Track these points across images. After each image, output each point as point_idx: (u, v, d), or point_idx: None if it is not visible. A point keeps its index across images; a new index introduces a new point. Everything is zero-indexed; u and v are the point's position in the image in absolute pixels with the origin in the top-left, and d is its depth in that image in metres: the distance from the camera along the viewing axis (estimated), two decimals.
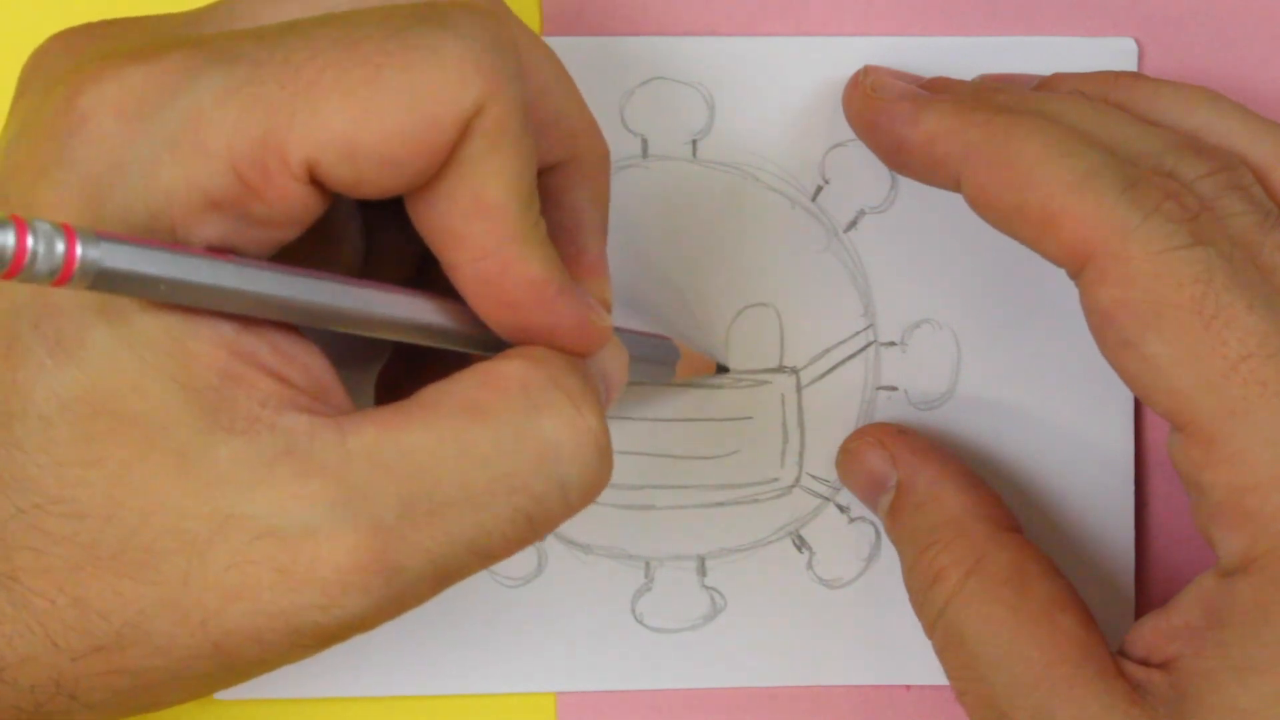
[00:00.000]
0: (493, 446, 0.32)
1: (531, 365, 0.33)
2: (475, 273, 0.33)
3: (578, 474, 0.33)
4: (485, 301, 0.34)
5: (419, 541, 0.32)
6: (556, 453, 0.33)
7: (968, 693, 0.39)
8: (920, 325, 0.44)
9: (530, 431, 0.33)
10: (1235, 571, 0.36)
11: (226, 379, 0.32)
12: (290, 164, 0.31)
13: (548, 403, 0.33)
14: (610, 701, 0.44)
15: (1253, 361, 0.35)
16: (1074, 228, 0.36)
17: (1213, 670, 0.36)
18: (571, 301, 0.34)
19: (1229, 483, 0.36)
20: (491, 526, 0.32)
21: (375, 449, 0.32)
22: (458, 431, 0.32)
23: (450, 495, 0.32)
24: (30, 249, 0.27)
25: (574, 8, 0.44)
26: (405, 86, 0.31)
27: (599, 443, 0.33)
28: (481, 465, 0.32)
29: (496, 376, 0.33)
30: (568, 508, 0.33)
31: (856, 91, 0.42)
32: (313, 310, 0.33)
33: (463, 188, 0.32)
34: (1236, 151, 0.38)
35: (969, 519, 0.41)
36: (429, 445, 0.32)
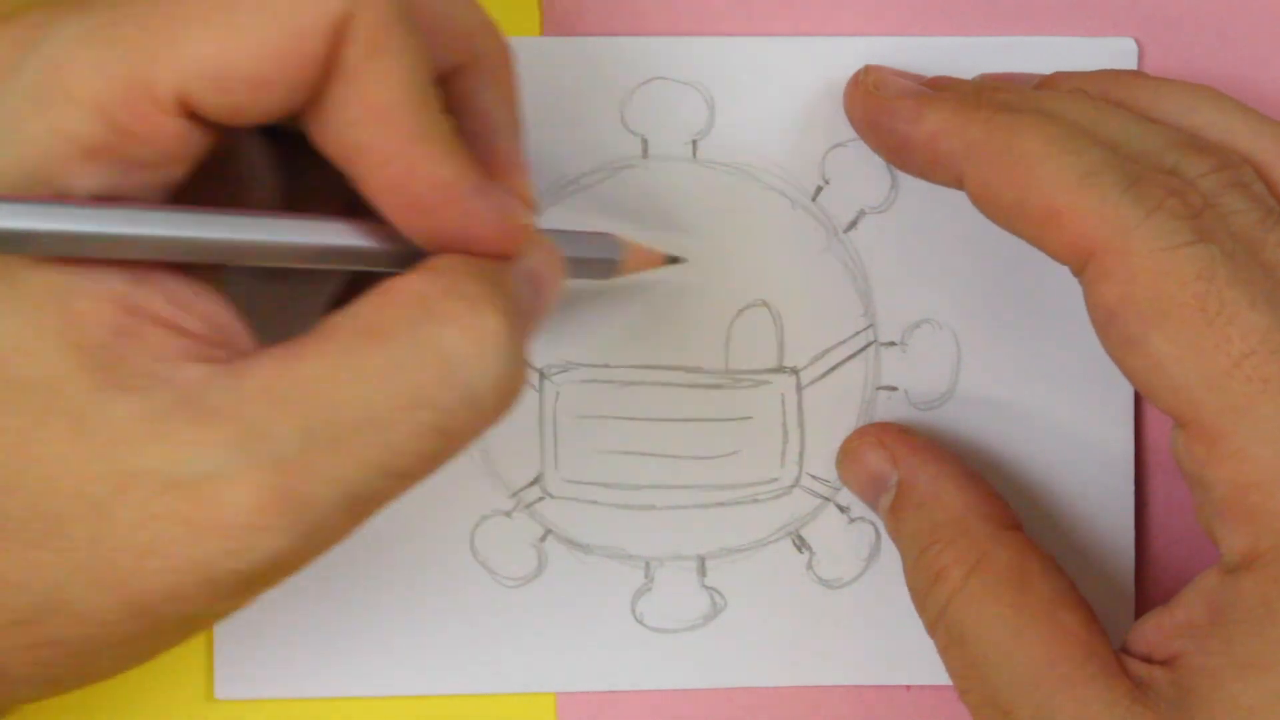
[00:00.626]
0: (390, 363, 0.32)
1: (429, 276, 0.33)
2: (382, 180, 0.33)
3: (485, 380, 0.32)
4: (397, 210, 0.33)
5: (325, 471, 0.31)
6: (458, 360, 0.32)
7: (970, 691, 0.39)
8: (920, 325, 0.44)
9: (428, 343, 0.32)
10: (1238, 568, 0.36)
11: (118, 335, 0.31)
12: (160, 100, 0.31)
13: (445, 311, 0.32)
14: (610, 701, 0.44)
15: (1256, 358, 0.35)
16: (1076, 225, 0.36)
17: (1216, 667, 0.36)
18: (486, 200, 0.34)
19: (1232, 479, 0.36)
20: (400, 445, 0.32)
21: (271, 385, 0.31)
22: (353, 354, 0.32)
23: (352, 419, 0.31)
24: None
25: (574, 8, 0.44)
26: (265, 3, 0.31)
27: (502, 345, 0.32)
28: (381, 384, 0.32)
29: (393, 293, 0.33)
30: (480, 416, 0.33)
31: (858, 90, 0.42)
32: (211, 246, 0.32)
33: (352, 96, 0.32)
34: (1238, 149, 0.38)
35: (970, 518, 0.41)
36: (325, 372, 0.31)
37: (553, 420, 0.44)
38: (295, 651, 0.43)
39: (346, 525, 0.32)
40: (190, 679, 0.44)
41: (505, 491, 0.44)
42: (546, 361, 0.44)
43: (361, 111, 0.32)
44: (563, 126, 0.44)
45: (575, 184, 0.44)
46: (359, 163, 0.33)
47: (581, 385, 0.44)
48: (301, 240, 0.33)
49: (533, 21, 0.44)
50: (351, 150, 0.32)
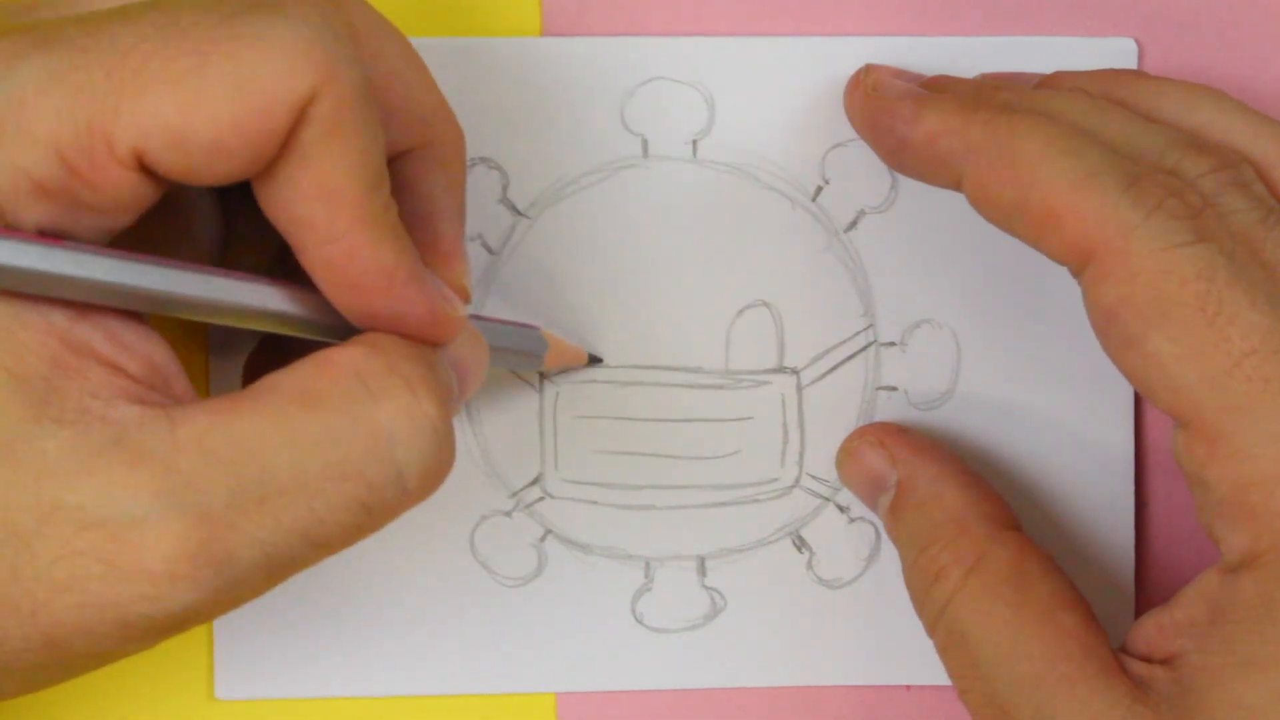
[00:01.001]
0: (325, 433, 0.32)
1: (369, 352, 0.33)
2: (322, 258, 0.33)
3: (414, 461, 0.33)
4: (333, 287, 0.33)
5: (249, 530, 0.31)
6: (391, 439, 0.33)
7: (970, 691, 0.39)
8: (920, 325, 0.44)
9: (364, 418, 0.32)
10: (1239, 567, 0.36)
11: (56, 369, 0.31)
12: (117, 152, 0.31)
13: (383, 389, 0.33)
14: (610, 701, 0.44)
15: (1256, 358, 0.35)
16: (1076, 226, 0.36)
17: (1217, 666, 0.36)
18: (421, 289, 0.34)
19: (1233, 479, 0.36)
20: (325, 515, 0.32)
21: (204, 438, 0.31)
22: (289, 418, 0.32)
23: (281, 483, 0.32)
24: None
25: (574, 8, 0.44)
26: (232, 75, 0.31)
27: (437, 429, 0.33)
28: (313, 452, 0.32)
29: (332, 364, 0.33)
30: (405, 496, 0.33)
31: (857, 91, 0.42)
32: (148, 296, 0.32)
33: (304, 173, 0.32)
34: (1238, 148, 0.38)
35: (969, 517, 0.41)
36: (259, 432, 0.32)
37: (552, 420, 0.44)
38: (295, 651, 0.43)
39: (261, 586, 0.32)
40: (190, 679, 0.44)
41: (505, 491, 0.44)
42: None
43: (311, 189, 0.32)
44: (563, 126, 0.44)
45: (575, 184, 0.44)
46: (302, 236, 0.33)
47: (581, 385, 0.44)
48: (239, 301, 0.34)
49: (533, 21, 0.44)
50: (296, 223, 0.33)
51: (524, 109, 0.43)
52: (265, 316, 0.34)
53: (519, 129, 0.43)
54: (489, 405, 0.44)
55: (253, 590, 0.32)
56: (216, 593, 0.31)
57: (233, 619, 0.43)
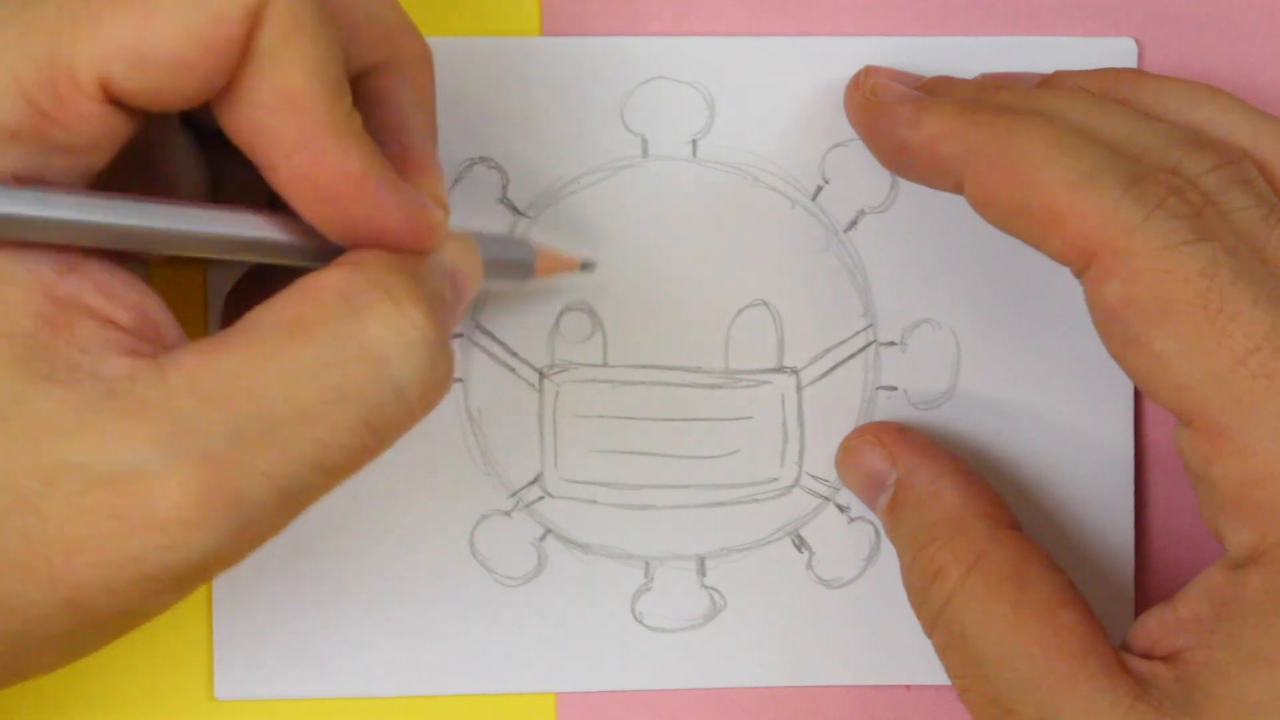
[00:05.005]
0: (316, 358, 0.32)
1: (351, 270, 0.33)
2: (291, 170, 0.33)
3: (411, 373, 0.33)
4: (305, 200, 0.33)
5: (255, 465, 0.31)
6: (383, 354, 0.32)
7: (970, 690, 0.39)
8: (920, 325, 0.44)
9: (353, 337, 0.32)
10: (1244, 564, 0.36)
11: (44, 325, 0.31)
12: (81, 83, 0.31)
13: (368, 305, 0.32)
14: (610, 701, 0.44)
15: (1259, 355, 0.35)
16: (1077, 226, 0.36)
17: (1222, 662, 0.36)
18: (396, 194, 0.34)
19: (1238, 475, 0.36)
20: (329, 439, 0.32)
21: (197, 380, 0.31)
22: (279, 349, 0.32)
23: (280, 414, 0.31)
24: None
25: (574, 8, 0.44)
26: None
27: (428, 339, 0.33)
28: (308, 379, 0.32)
29: (316, 288, 0.33)
30: (408, 410, 0.33)
31: (857, 94, 0.42)
32: (127, 232, 0.32)
33: (263, 82, 0.32)
34: (1240, 146, 0.38)
35: (968, 516, 0.41)
36: (251, 367, 0.32)
37: (552, 420, 0.44)
38: (295, 651, 0.43)
39: (278, 520, 0.32)
40: (190, 679, 0.44)
41: (505, 491, 0.44)
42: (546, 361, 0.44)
43: (272, 96, 0.32)
44: (563, 126, 0.44)
45: (575, 184, 0.44)
46: (268, 150, 0.33)
47: (581, 385, 0.44)
48: (219, 231, 0.34)
49: (533, 21, 0.44)
50: (261, 137, 0.33)
51: (524, 109, 0.43)
52: (246, 245, 0.34)
53: (519, 129, 0.43)
54: (489, 405, 0.44)
55: (271, 526, 0.32)
56: (232, 533, 0.31)
57: (232, 619, 0.43)
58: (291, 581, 0.43)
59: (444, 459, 0.44)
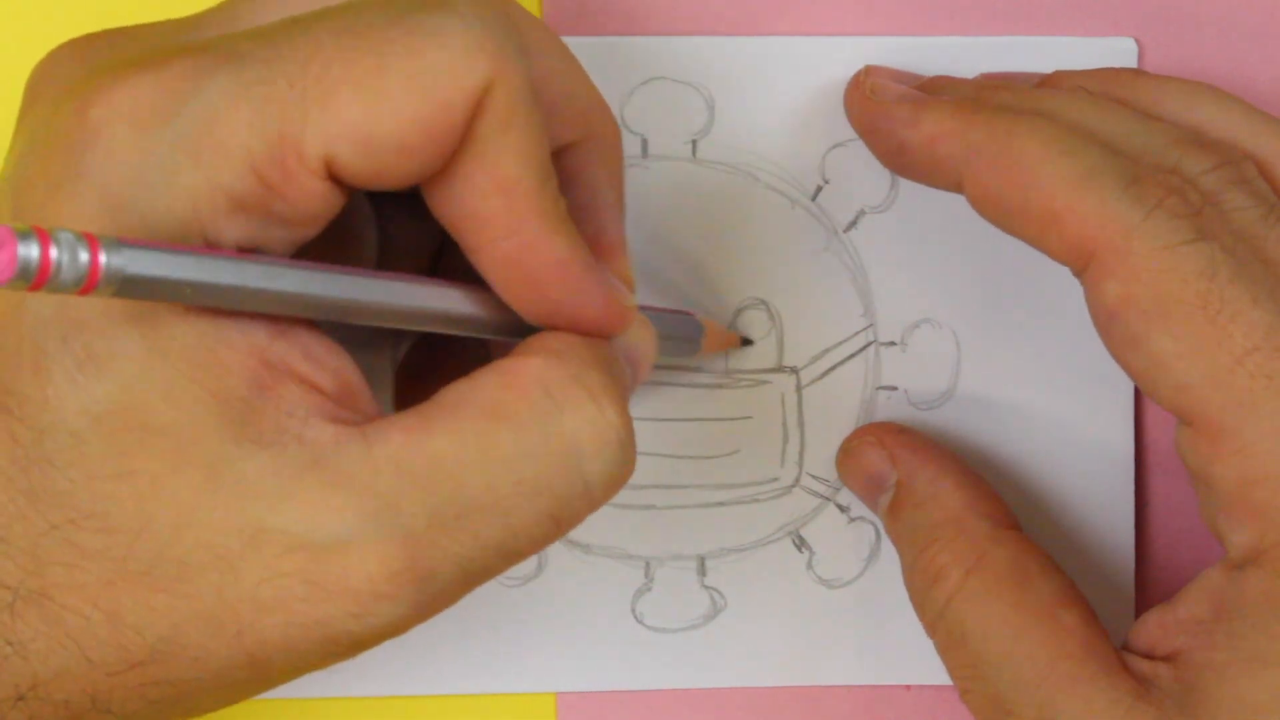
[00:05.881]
0: (516, 449, 0.32)
1: (553, 362, 0.33)
2: (499, 254, 0.33)
3: (600, 471, 0.33)
4: (511, 284, 0.34)
5: (448, 547, 0.32)
6: (579, 452, 0.33)
7: (971, 691, 0.39)
8: (920, 325, 0.44)
9: (553, 432, 0.33)
10: (1244, 564, 0.36)
11: (256, 388, 0.32)
12: (308, 161, 0.31)
13: (569, 400, 0.33)
14: (610, 701, 0.44)
15: (1259, 355, 0.35)
16: (1077, 226, 0.36)
17: (1221, 663, 0.36)
18: (597, 280, 0.34)
19: (1237, 476, 0.36)
20: (519, 529, 0.32)
21: (401, 457, 0.32)
22: (481, 435, 0.32)
23: (477, 501, 0.32)
24: (54, 259, 0.27)
25: (574, 8, 0.44)
26: (413, 72, 0.31)
27: (621, 438, 0.33)
28: (506, 469, 0.32)
29: (517, 375, 0.33)
30: (591, 504, 0.34)
31: (856, 94, 0.42)
32: (342, 306, 0.33)
33: (479, 168, 0.32)
34: (1240, 146, 0.38)
35: (969, 517, 0.41)
36: (454, 451, 0.32)
37: None
38: None
39: (456, 597, 0.33)
40: None
41: None
42: None
43: (487, 184, 0.32)
44: None
45: None
46: (477, 233, 0.33)
47: None
48: (423, 305, 0.34)
49: None
50: (471, 221, 0.33)
51: None
52: (445, 319, 0.35)
53: None
54: None
55: (450, 600, 0.33)
56: (417, 606, 0.32)
57: None
58: None
59: None
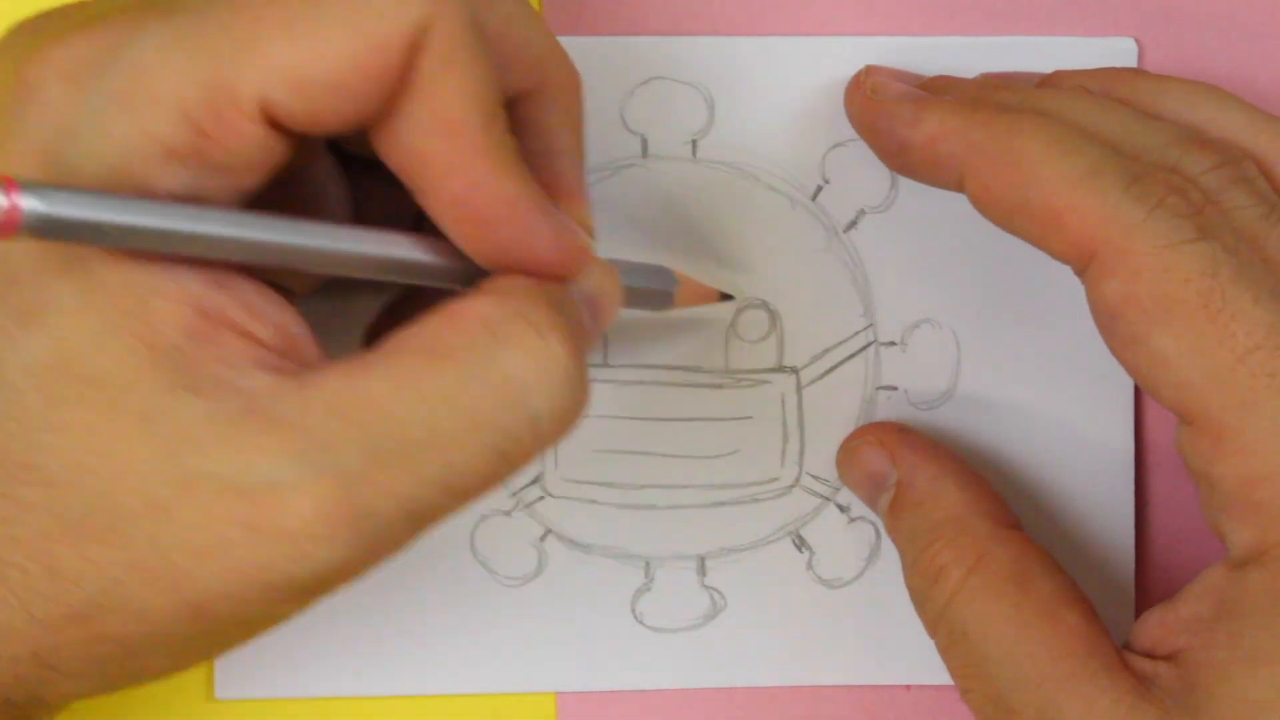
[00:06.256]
0: (456, 384, 0.32)
1: (496, 299, 0.33)
2: (445, 194, 0.33)
3: (547, 405, 0.33)
4: (459, 225, 0.34)
5: (387, 485, 0.31)
6: (523, 385, 0.32)
7: (972, 690, 0.39)
8: (920, 325, 0.44)
9: (494, 366, 0.32)
10: (1246, 563, 0.36)
11: (191, 338, 0.32)
12: (242, 105, 0.31)
13: (510, 335, 0.33)
14: (610, 701, 0.44)
15: (1260, 353, 0.35)
16: (1078, 225, 0.36)
17: (1223, 661, 0.36)
18: (548, 219, 0.34)
19: (1239, 474, 0.36)
20: (462, 465, 0.32)
21: (336, 399, 0.32)
22: (419, 373, 0.32)
23: (415, 438, 0.32)
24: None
25: (574, 8, 0.44)
26: (347, 12, 0.31)
27: (568, 370, 0.33)
28: (445, 405, 0.32)
29: (460, 315, 0.33)
30: (540, 440, 0.33)
31: (857, 93, 0.42)
32: (276, 249, 0.33)
33: (421, 108, 0.32)
34: (1240, 145, 0.38)
35: (969, 516, 0.41)
36: (390, 390, 0.32)
37: None
38: (295, 651, 0.43)
39: (405, 538, 0.33)
40: (190, 679, 0.44)
41: (505, 491, 0.44)
42: None
43: (430, 122, 0.32)
44: None
45: None
46: (424, 175, 0.33)
47: None
48: (366, 250, 0.34)
49: None
50: (417, 162, 0.33)
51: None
52: (393, 266, 0.34)
53: None
54: None
55: (396, 543, 0.32)
56: (357, 549, 0.31)
57: None
58: None
59: None
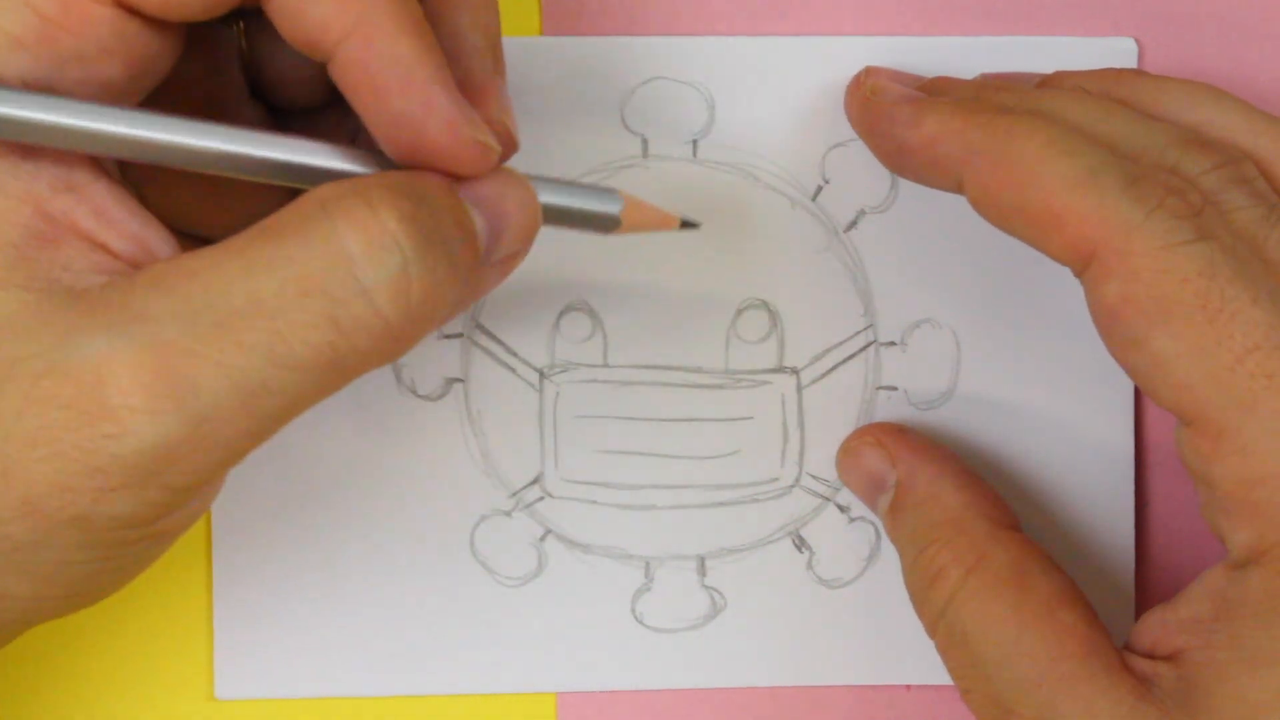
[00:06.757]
0: (280, 254, 0.31)
1: (340, 185, 0.32)
2: (344, 58, 0.32)
3: (378, 276, 0.32)
4: (356, 91, 0.33)
5: (209, 355, 0.31)
6: (349, 254, 0.32)
7: (972, 691, 0.39)
8: (920, 325, 0.44)
9: (321, 236, 0.32)
10: (1245, 564, 0.36)
11: (30, 237, 0.31)
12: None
13: (341, 208, 0.32)
14: (610, 701, 0.44)
15: (1259, 354, 0.35)
16: (1077, 226, 0.36)
17: (1222, 662, 0.36)
18: (447, 96, 0.33)
19: (1238, 475, 0.36)
20: (289, 333, 0.31)
21: (160, 277, 0.31)
22: (246, 246, 0.31)
23: (237, 305, 0.31)
24: None
25: (574, 8, 0.44)
26: None
27: (400, 245, 0.32)
28: (269, 273, 0.31)
29: (300, 200, 0.32)
30: (375, 312, 0.32)
31: (857, 95, 0.42)
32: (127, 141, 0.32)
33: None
34: (1239, 146, 0.38)
35: (969, 517, 0.41)
36: (214, 262, 0.31)
37: (552, 420, 0.44)
38: (295, 651, 0.43)
39: (238, 416, 0.31)
40: (190, 679, 0.44)
41: (505, 491, 0.44)
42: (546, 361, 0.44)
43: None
44: (563, 126, 0.44)
45: None
46: (323, 41, 0.32)
47: (581, 385, 0.44)
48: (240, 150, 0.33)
49: (533, 21, 0.44)
50: (318, 29, 0.32)
51: (524, 109, 0.43)
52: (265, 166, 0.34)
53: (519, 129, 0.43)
54: (489, 405, 0.44)
55: (232, 424, 0.31)
56: (187, 425, 0.31)
57: (232, 619, 0.43)
58: (292, 582, 0.43)
59: (444, 459, 0.44)
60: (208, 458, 0.32)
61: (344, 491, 0.44)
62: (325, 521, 0.44)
